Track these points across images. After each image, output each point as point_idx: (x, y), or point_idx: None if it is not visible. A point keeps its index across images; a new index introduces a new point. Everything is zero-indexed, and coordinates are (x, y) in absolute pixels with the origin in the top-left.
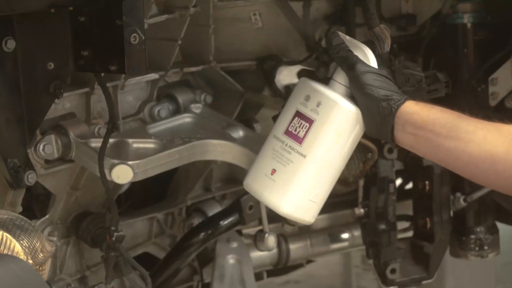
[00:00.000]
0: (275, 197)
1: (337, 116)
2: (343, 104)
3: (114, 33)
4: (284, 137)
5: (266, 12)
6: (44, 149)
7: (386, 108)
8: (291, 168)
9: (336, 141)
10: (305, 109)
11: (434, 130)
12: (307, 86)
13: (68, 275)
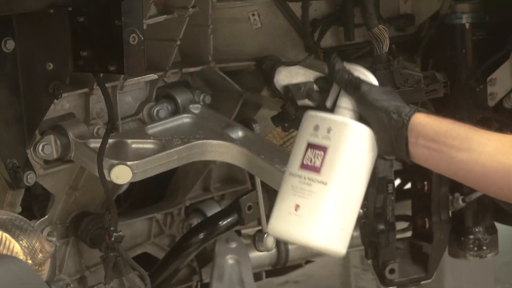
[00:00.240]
0: (304, 231)
1: (350, 137)
2: (354, 124)
3: (113, 33)
4: (301, 171)
5: (265, 13)
6: (43, 149)
7: (398, 120)
8: (314, 198)
9: (353, 162)
10: (316, 139)
11: (447, 142)
12: (314, 117)
13: (67, 275)
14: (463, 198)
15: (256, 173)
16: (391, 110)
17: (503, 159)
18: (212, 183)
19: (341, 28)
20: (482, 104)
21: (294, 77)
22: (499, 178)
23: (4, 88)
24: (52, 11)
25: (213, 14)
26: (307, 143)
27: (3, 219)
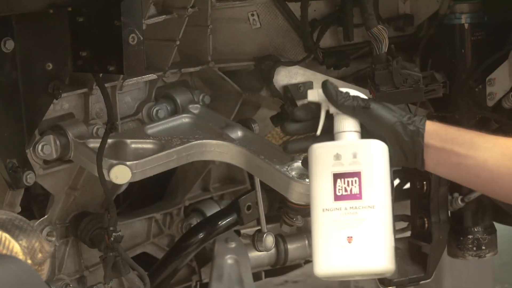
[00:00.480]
0: (366, 261)
1: (378, 155)
2: (376, 142)
3: (112, 33)
4: (338, 204)
5: (264, 13)
6: (42, 149)
7: (414, 130)
8: (367, 225)
9: (386, 178)
10: (343, 168)
11: (454, 149)
12: (330, 148)
13: (67, 275)
14: (462, 198)
15: (255, 173)
16: (405, 122)
17: (509, 164)
18: (211, 183)
19: (340, 28)
20: (481, 104)
21: (293, 77)
22: (506, 182)
23: (4, 88)
24: (52, 11)
25: (212, 14)
26: (332, 175)
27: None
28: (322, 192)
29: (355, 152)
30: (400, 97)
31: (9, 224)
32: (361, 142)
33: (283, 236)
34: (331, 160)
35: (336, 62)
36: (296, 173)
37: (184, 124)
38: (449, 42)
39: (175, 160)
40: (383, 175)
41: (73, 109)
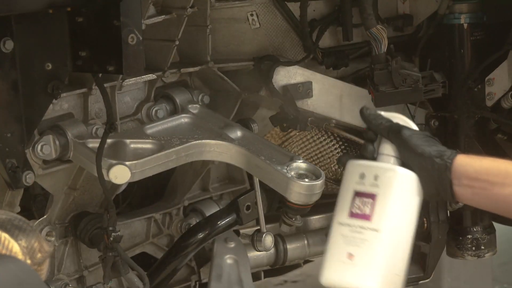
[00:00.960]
0: (360, 280)
1: (398, 183)
2: (400, 170)
3: (111, 33)
4: (350, 220)
5: (263, 13)
6: (42, 149)
7: (441, 164)
8: (368, 246)
9: (402, 207)
10: (363, 187)
11: (489, 179)
12: (359, 166)
13: (66, 275)
14: None
15: (255, 173)
16: (433, 155)
17: None
18: (210, 183)
19: (339, 28)
20: (480, 104)
21: (292, 77)
22: None
23: (3, 88)
24: (51, 11)
25: (211, 14)
26: (354, 192)
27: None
28: (342, 206)
29: (376, 175)
30: (399, 97)
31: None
32: (385, 166)
33: (282, 236)
34: (356, 177)
35: (335, 62)
36: (295, 173)
37: (183, 124)
38: (448, 42)
39: (174, 160)
40: (399, 203)
41: (72, 109)
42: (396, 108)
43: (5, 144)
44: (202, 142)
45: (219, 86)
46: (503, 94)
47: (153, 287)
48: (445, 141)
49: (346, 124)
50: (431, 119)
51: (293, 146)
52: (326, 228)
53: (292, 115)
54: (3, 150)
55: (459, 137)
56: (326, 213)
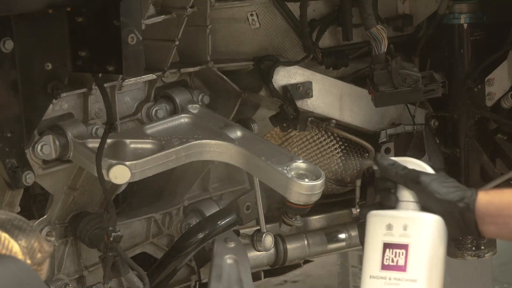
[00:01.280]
0: None
1: (428, 230)
2: (429, 218)
3: (111, 33)
4: (384, 273)
5: (263, 13)
6: (42, 149)
7: (464, 207)
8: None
9: (435, 253)
10: (393, 238)
11: (511, 214)
12: (383, 217)
13: (66, 275)
14: None
15: (255, 173)
16: (455, 200)
17: None
18: (210, 183)
19: (339, 28)
20: (480, 104)
21: (292, 77)
22: None
23: (3, 88)
24: (51, 11)
25: (211, 14)
26: (383, 244)
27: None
28: (372, 259)
29: (405, 225)
30: (399, 97)
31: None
32: (413, 215)
33: (282, 236)
34: (383, 229)
35: (335, 62)
36: (295, 173)
37: (183, 124)
38: (448, 42)
39: (174, 160)
40: (431, 250)
41: (72, 109)
42: (396, 108)
43: (5, 144)
44: (202, 142)
45: (219, 86)
46: (503, 94)
47: (153, 287)
48: (445, 141)
49: (346, 124)
50: (431, 119)
51: (293, 146)
52: (325, 228)
53: (292, 115)
54: (3, 150)
55: (459, 137)
56: (326, 213)
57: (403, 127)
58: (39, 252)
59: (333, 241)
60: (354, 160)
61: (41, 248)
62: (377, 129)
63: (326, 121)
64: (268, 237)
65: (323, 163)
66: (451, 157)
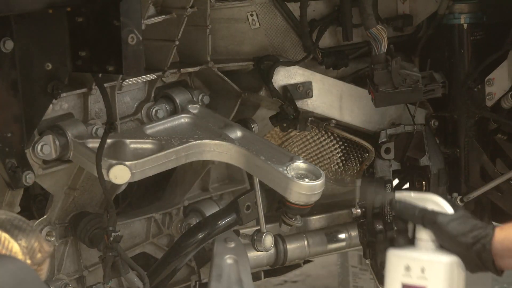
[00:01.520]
0: None
1: (445, 273)
2: (446, 260)
3: (111, 33)
4: None
5: (263, 13)
6: (42, 149)
7: (480, 248)
8: None
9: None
10: (411, 280)
11: None
12: (401, 258)
13: (66, 275)
14: (461, 198)
15: (255, 173)
16: (471, 242)
17: None
18: (210, 183)
19: (339, 28)
20: (480, 104)
21: (292, 77)
22: None
23: (3, 88)
24: (51, 11)
25: (211, 14)
26: (401, 284)
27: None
28: None
29: (423, 267)
30: (399, 97)
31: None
32: (430, 258)
33: (282, 236)
34: (402, 269)
35: (335, 62)
36: (295, 174)
37: (183, 124)
38: (448, 42)
39: (174, 160)
40: None
41: (72, 109)
42: (396, 108)
43: (5, 144)
44: (202, 142)
45: (219, 86)
46: (503, 94)
47: (153, 287)
48: (445, 141)
49: (346, 124)
50: (431, 119)
51: (293, 146)
52: (325, 228)
53: (292, 115)
54: (3, 150)
55: (459, 137)
56: (326, 213)
57: (403, 127)
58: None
59: (333, 241)
60: (354, 160)
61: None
62: (377, 129)
63: (326, 121)
64: (268, 237)
65: (323, 163)
66: (451, 157)
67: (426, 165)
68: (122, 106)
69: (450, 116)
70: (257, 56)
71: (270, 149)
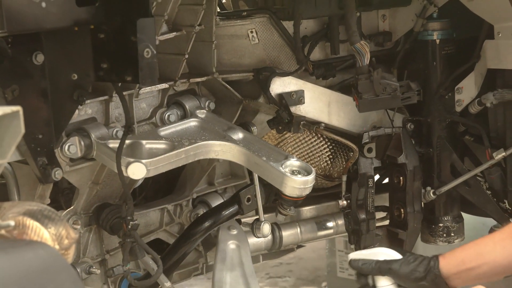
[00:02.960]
0: None
1: None
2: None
3: (129, 48)
4: None
5: (261, 30)
6: (69, 149)
7: (433, 276)
8: None
9: None
10: None
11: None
12: None
13: (90, 258)
14: (434, 191)
15: (254, 170)
16: (422, 276)
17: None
18: (215, 178)
19: (327, 43)
20: (450, 109)
21: (287, 86)
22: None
23: (35, 95)
24: (76, 29)
25: (216, 31)
26: None
27: (34, 210)
28: None
29: None
30: (380, 103)
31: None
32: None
33: (278, 224)
34: None
35: (324, 73)
36: (289, 170)
37: (192, 127)
38: (422, 56)
39: (184, 159)
40: None
41: (95, 114)
42: (377, 113)
43: (37, 145)
44: (208, 143)
45: (223, 94)
46: (470, 101)
47: (166, 269)
48: (420, 142)
49: (333, 127)
50: (408, 122)
51: (288, 146)
52: (316, 217)
53: (287, 119)
54: (35, 150)
55: (432, 138)
56: (316, 204)
57: (383, 129)
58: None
59: (322, 229)
60: (340, 159)
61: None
62: (361, 132)
63: (316, 124)
64: (266, 225)
65: (313, 161)
66: (425, 156)
67: (403, 162)
68: (139, 111)
69: (424, 120)
70: (256, 68)
71: (268, 148)
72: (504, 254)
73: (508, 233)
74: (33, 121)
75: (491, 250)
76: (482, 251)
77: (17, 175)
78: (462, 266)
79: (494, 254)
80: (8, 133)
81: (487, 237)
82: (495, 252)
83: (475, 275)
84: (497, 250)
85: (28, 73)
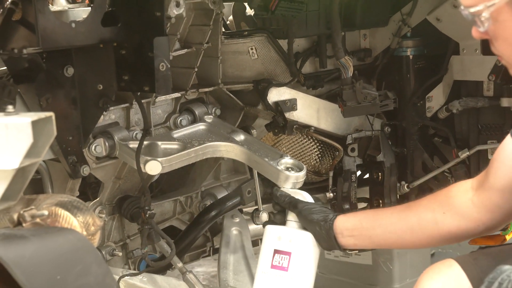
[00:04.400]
0: None
1: (306, 243)
2: (304, 234)
3: (147, 62)
4: (272, 271)
5: (260, 47)
6: (95, 149)
7: (325, 225)
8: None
9: (309, 259)
10: (281, 246)
11: (363, 226)
12: (276, 230)
13: (113, 242)
14: (408, 185)
15: (254, 167)
16: (320, 220)
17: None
18: (221, 174)
19: (317, 58)
20: (422, 115)
21: (282, 95)
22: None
23: (66, 103)
24: (102, 46)
25: (221, 48)
26: (273, 250)
27: (64, 201)
28: (265, 259)
29: (290, 238)
30: (361, 110)
31: (69, 204)
32: (295, 232)
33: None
34: (275, 239)
35: (314, 84)
36: (284, 167)
37: (201, 130)
38: (398, 69)
39: (194, 157)
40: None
41: (118, 119)
42: (359, 118)
43: (67, 145)
44: (215, 144)
45: (227, 102)
46: (439, 108)
47: (178, 252)
48: (396, 143)
49: (322, 130)
50: (385, 126)
51: (282, 147)
52: None
53: (282, 123)
54: (66, 150)
55: (406, 140)
56: None
57: (364, 132)
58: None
59: None
60: (328, 157)
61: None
62: (345, 134)
63: (307, 127)
64: (264, 214)
65: (305, 159)
66: (400, 155)
67: (381, 160)
68: (155, 117)
69: (399, 124)
70: (255, 80)
71: (265, 148)
72: (397, 224)
73: (406, 206)
74: (64, 125)
75: (387, 217)
76: (380, 216)
77: (51, 171)
78: (358, 224)
79: (389, 221)
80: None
81: (389, 207)
82: (390, 219)
83: (368, 235)
84: (393, 217)
85: (60, 84)
